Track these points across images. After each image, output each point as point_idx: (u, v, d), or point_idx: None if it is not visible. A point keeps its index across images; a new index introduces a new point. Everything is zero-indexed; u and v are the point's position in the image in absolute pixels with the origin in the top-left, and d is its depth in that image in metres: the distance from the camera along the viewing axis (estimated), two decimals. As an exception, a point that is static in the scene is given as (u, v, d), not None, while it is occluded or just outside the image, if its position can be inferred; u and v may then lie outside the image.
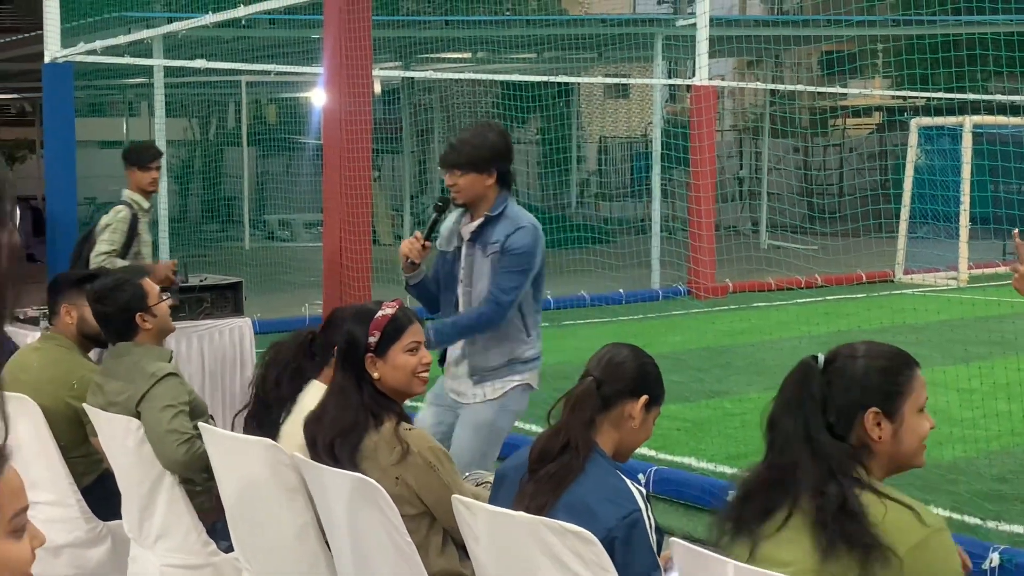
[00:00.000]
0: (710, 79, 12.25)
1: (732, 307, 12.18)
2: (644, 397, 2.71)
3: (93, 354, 4.39)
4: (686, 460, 6.09)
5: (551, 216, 19.14)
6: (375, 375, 3.04)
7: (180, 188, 22.47)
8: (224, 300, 6.71)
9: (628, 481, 2.61)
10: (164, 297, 3.97)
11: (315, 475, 3.06)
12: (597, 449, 2.66)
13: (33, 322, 6.34)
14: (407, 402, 3.20)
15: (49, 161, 9.74)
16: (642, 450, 6.18)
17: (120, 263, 6.07)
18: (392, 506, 2.83)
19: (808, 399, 2.20)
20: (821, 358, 2.26)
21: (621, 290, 12.95)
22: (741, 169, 22.89)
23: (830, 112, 23.02)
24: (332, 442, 2.97)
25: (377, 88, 19.92)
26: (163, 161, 10.40)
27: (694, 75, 12.56)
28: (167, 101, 11.75)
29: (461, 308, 4.19)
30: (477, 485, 3.36)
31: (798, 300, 12.60)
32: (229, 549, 3.65)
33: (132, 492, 3.74)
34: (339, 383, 3.05)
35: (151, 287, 3.93)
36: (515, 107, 16.96)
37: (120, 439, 3.66)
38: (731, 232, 18.85)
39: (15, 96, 20.74)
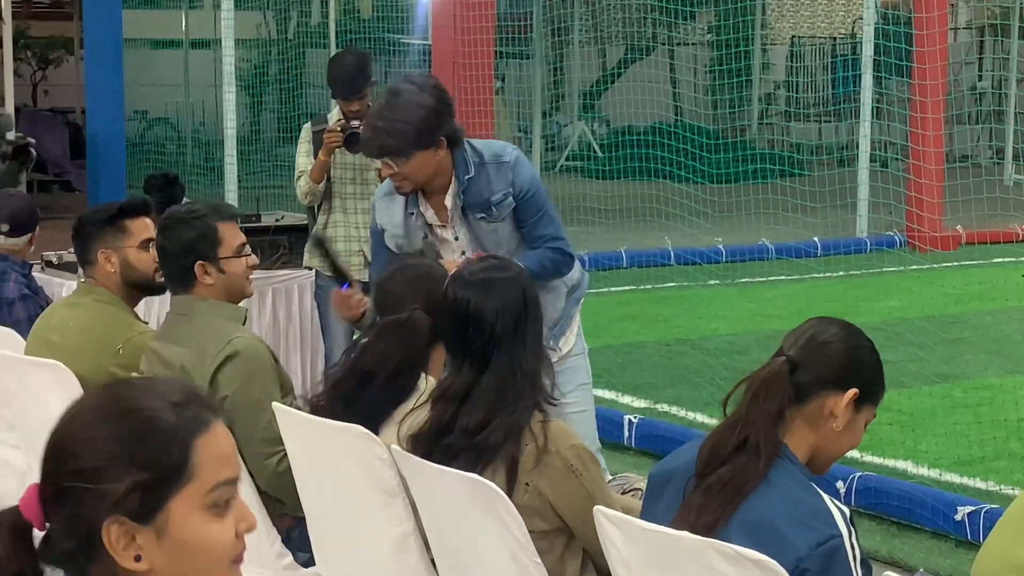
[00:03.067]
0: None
1: (964, 263, 11.91)
2: (853, 391, 2.65)
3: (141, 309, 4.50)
4: (899, 465, 5.98)
5: (724, 142, 18.93)
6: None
7: (251, 101, 22.84)
8: (290, 246, 6.82)
9: (827, 497, 2.56)
10: (246, 252, 4.00)
11: (421, 475, 3.08)
12: (786, 452, 2.61)
13: (70, 268, 6.53)
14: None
15: (90, 65, 9.97)
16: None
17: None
18: (518, 519, 2.83)
19: None
20: None
21: (816, 238, 12.74)
22: (980, 80, 22.25)
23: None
24: (480, 430, 3.01)
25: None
26: (232, 68, 10.63)
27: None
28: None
29: None
30: (623, 492, 3.35)
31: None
32: (309, 563, 3.71)
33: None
34: (507, 366, 3.09)
35: (231, 234, 3.96)
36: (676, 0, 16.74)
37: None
38: (964, 164, 18.33)
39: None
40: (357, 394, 3.35)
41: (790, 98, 23.30)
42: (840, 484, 5.39)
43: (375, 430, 3.28)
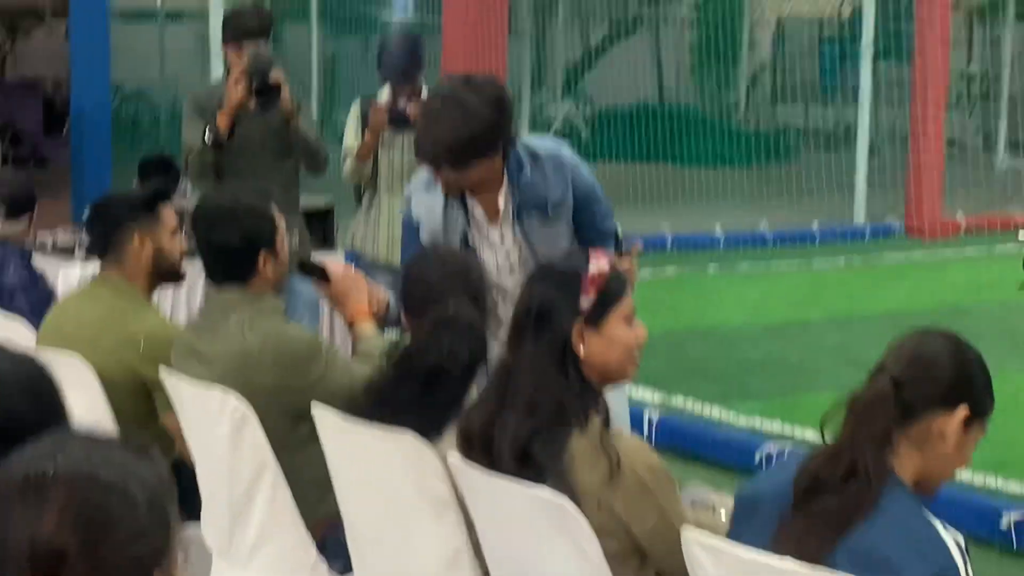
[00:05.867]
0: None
1: (967, 252, 11.81)
2: (964, 409, 2.51)
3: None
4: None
5: (711, 123, 18.80)
6: (582, 352, 2.88)
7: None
8: (309, 231, 6.63)
9: (940, 525, 2.43)
10: (291, 236, 3.89)
11: (481, 487, 2.93)
12: (894, 477, 2.47)
13: (66, 252, 6.33)
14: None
15: (76, 37, 9.75)
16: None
17: None
18: (593, 541, 2.69)
19: None
20: None
21: (815, 225, 12.64)
22: (970, 64, 22.17)
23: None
24: (528, 442, 2.82)
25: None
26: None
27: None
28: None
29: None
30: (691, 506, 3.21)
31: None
32: (346, 570, 3.57)
33: (220, 491, 3.66)
34: (531, 360, 2.89)
35: (281, 222, 3.83)
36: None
37: (211, 420, 3.57)
38: (955, 149, 18.30)
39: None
40: (422, 394, 3.18)
41: (776, 80, 23.25)
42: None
43: (441, 432, 3.14)
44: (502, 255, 4.10)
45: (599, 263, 2.92)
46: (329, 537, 3.66)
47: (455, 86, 3.92)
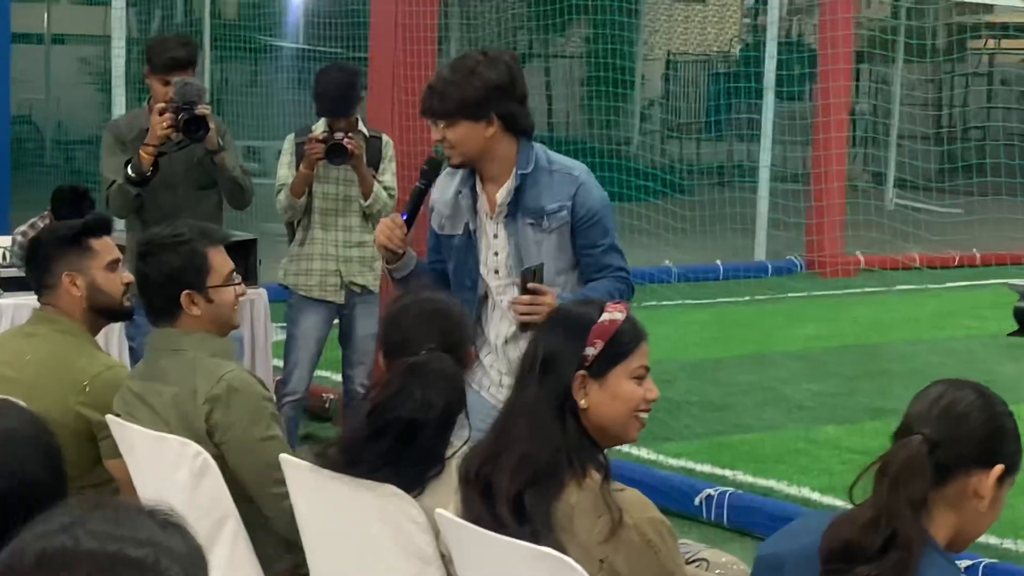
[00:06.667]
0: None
1: (869, 290, 11.94)
2: (1000, 467, 2.42)
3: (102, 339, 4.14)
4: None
5: (604, 157, 18.83)
6: (583, 403, 2.76)
7: (105, 99, 22.17)
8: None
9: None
10: (235, 281, 3.70)
11: (476, 544, 2.80)
12: (932, 541, 2.38)
13: (18, 284, 6.02)
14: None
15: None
16: (816, 496, 5.96)
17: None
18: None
19: None
20: None
21: (719, 261, 12.69)
22: (858, 104, 22.56)
23: (970, 32, 22.67)
24: (520, 493, 2.69)
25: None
26: (122, 65, 10.12)
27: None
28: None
29: (498, 302, 4.04)
30: (689, 562, 3.11)
31: (952, 283, 12.36)
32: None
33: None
34: (530, 406, 2.76)
35: (220, 260, 3.66)
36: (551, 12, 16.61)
37: (169, 468, 3.40)
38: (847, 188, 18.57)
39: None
40: (398, 447, 3.04)
41: (666, 115, 23.41)
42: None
43: (423, 485, 3.00)
44: (492, 252, 4.05)
45: (613, 313, 2.80)
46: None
47: (469, 53, 4.04)
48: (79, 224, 4.07)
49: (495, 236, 4.04)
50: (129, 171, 5.49)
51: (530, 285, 3.80)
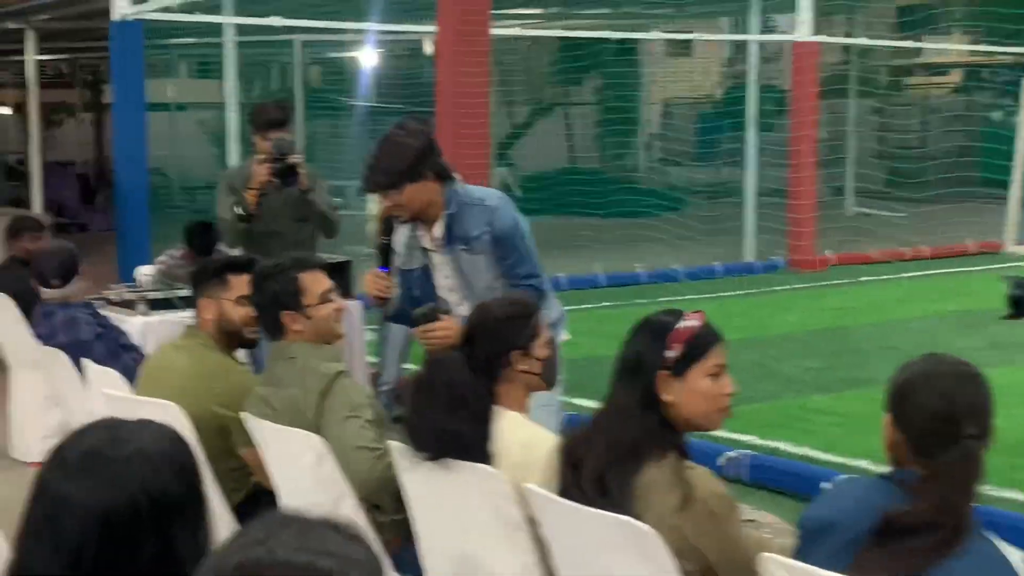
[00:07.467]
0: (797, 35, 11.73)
1: (838, 282, 11.69)
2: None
3: (242, 355, 4.00)
4: (852, 462, 5.64)
5: (619, 186, 18.64)
6: (666, 398, 2.60)
7: (219, 152, 22.15)
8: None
9: (1002, 545, 2.16)
10: (331, 298, 3.56)
11: (560, 514, 2.64)
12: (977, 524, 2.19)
13: (128, 305, 5.96)
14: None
15: (119, 124, 9.36)
16: (816, 453, 5.77)
17: None
18: (671, 562, 2.40)
19: None
20: None
21: (716, 263, 12.47)
22: (819, 132, 22.32)
23: (909, 70, 22.35)
24: (603, 470, 2.54)
25: (428, 48, 19.42)
26: (236, 123, 10.03)
27: (793, 30, 12.05)
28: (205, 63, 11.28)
29: (463, 314, 3.85)
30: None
31: (906, 274, 12.09)
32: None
33: (304, 517, 3.33)
34: (619, 399, 2.61)
35: (314, 282, 3.53)
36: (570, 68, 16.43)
37: (296, 456, 3.25)
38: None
39: (50, 57, 20.37)
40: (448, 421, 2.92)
41: (665, 147, 23.22)
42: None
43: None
44: (442, 276, 4.03)
45: (690, 320, 2.64)
46: (404, 552, 3.35)
47: (390, 130, 3.95)
48: (224, 260, 4.00)
49: (441, 264, 4.01)
50: (238, 210, 5.47)
51: (419, 329, 3.72)
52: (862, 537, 2.20)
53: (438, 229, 3.94)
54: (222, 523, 3.61)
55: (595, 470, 2.56)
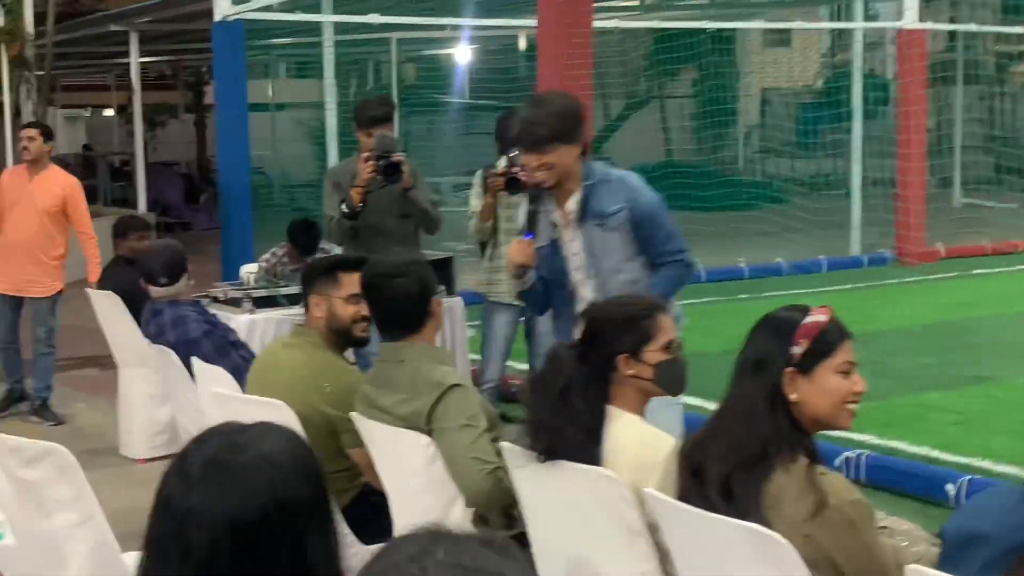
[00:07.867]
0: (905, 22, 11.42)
1: (949, 275, 11.33)
2: None
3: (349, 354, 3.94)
4: (974, 462, 5.42)
5: (717, 179, 18.36)
6: (793, 396, 2.47)
7: (318, 151, 22.36)
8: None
9: None
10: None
11: (684, 521, 2.53)
12: None
13: (234, 303, 5.98)
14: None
15: (222, 127, 9.46)
16: (936, 453, 5.56)
17: None
18: (804, 571, 2.28)
19: None
20: None
21: (821, 256, 12.18)
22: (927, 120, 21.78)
23: (1017, 56, 21.72)
24: (729, 475, 2.42)
25: (523, 43, 19.34)
26: (335, 122, 10.04)
27: (900, 18, 11.75)
28: (302, 62, 11.31)
29: (587, 295, 3.83)
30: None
31: (1020, 266, 11.69)
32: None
33: (414, 517, 3.27)
34: (742, 399, 2.49)
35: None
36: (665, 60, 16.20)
37: (407, 458, 3.19)
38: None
39: (153, 59, 20.77)
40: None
41: (765, 139, 22.84)
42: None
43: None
44: (571, 254, 3.92)
45: (816, 315, 2.51)
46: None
47: (542, 93, 4.04)
48: (336, 258, 3.97)
49: (571, 240, 3.89)
50: (344, 208, 5.47)
51: None
52: (1014, 550, 2.06)
53: (572, 202, 3.84)
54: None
55: (720, 475, 2.44)
